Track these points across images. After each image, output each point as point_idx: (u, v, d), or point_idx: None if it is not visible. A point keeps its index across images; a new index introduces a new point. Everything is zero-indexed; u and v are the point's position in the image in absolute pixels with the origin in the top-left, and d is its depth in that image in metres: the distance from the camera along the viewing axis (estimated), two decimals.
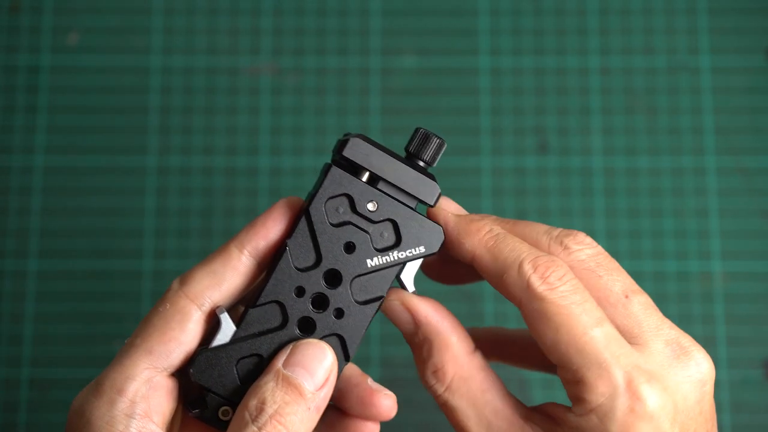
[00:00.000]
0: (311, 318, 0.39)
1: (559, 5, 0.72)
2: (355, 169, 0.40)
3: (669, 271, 0.68)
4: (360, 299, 0.39)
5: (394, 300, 0.39)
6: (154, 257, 0.68)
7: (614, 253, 0.68)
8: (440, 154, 0.41)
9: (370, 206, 0.39)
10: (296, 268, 0.39)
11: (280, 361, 0.37)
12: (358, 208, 0.39)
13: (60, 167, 0.69)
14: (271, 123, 0.70)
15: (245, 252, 0.39)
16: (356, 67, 0.71)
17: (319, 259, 0.39)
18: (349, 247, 0.39)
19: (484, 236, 0.39)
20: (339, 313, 0.39)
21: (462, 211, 0.41)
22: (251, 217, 0.69)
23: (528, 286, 0.37)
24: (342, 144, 0.39)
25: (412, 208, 0.39)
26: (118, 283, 0.68)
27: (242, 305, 0.40)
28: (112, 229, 0.68)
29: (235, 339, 0.38)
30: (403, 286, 0.40)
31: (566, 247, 0.40)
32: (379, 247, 0.39)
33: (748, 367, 0.67)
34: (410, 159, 0.41)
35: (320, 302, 0.39)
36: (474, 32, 0.71)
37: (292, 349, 0.38)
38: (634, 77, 0.71)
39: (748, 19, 0.71)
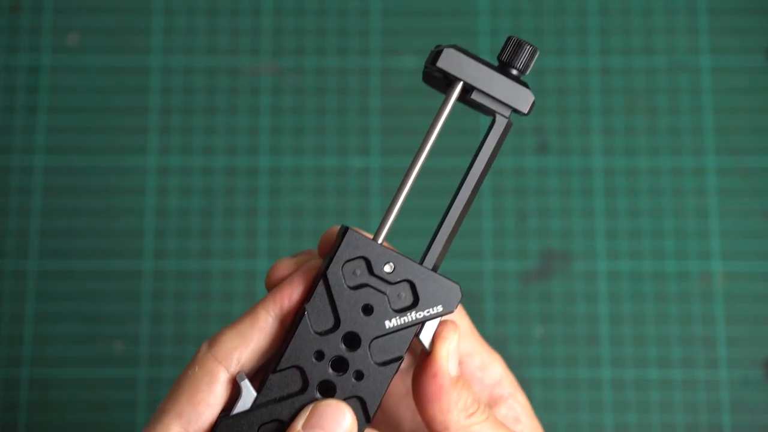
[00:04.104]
0: (331, 381, 0.39)
1: (559, 5, 0.72)
2: (449, 80, 0.39)
3: (669, 271, 0.68)
4: (379, 360, 0.39)
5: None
6: (154, 257, 0.68)
7: (614, 253, 0.68)
8: (533, 62, 0.40)
9: (387, 268, 0.39)
10: (315, 332, 0.38)
11: (299, 423, 0.38)
12: (375, 270, 0.39)
13: (60, 167, 0.69)
14: (271, 123, 0.70)
15: (271, 313, 0.39)
16: (356, 67, 0.71)
17: (337, 322, 0.39)
18: (367, 309, 0.39)
19: (462, 419, 0.40)
20: (359, 375, 0.39)
21: (458, 363, 0.41)
22: (251, 216, 0.69)
23: None
24: (435, 55, 0.39)
25: (428, 268, 0.39)
26: (118, 283, 0.68)
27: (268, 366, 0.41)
28: (112, 229, 0.68)
29: (255, 405, 0.38)
30: (422, 346, 0.40)
31: None
32: (396, 307, 0.39)
33: (748, 367, 0.67)
34: (503, 68, 0.40)
35: (340, 365, 0.39)
36: (474, 32, 0.71)
37: (311, 410, 0.38)
38: (634, 77, 0.71)
39: (748, 19, 0.71)
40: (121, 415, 0.66)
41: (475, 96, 0.40)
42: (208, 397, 0.38)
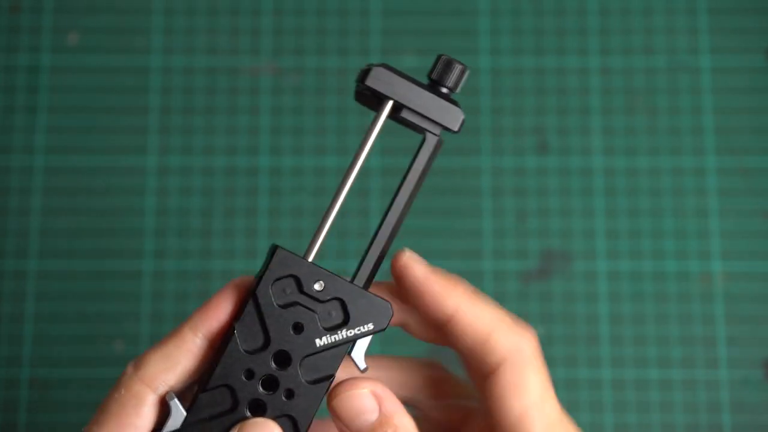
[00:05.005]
0: (261, 400, 0.38)
1: (559, 5, 0.72)
2: (379, 99, 0.40)
3: (669, 271, 0.68)
4: (310, 379, 0.39)
5: (365, 388, 0.39)
6: (154, 257, 0.68)
7: (614, 253, 0.68)
8: (463, 80, 0.40)
9: (317, 286, 0.39)
10: (245, 350, 0.38)
11: None
12: (305, 289, 0.39)
13: (60, 167, 0.69)
14: (271, 123, 0.70)
15: (198, 334, 0.39)
16: (356, 67, 0.71)
17: (267, 340, 0.39)
18: (297, 328, 0.39)
19: (467, 291, 0.39)
20: (289, 394, 0.39)
21: (427, 263, 0.41)
22: (251, 216, 0.69)
23: (520, 348, 0.38)
24: (364, 73, 0.39)
25: (358, 286, 0.39)
26: (118, 283, 0.68)
27: (197, 386, 0.41)
28: (112, 229, 0.68)
29: (185, 424, 0.38)
30: (354, 364, 0.40)
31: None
32: (327, 326, 0.39)
33: (748, 367, 0.67)
34: (433, 86, 0.40)
35: (270, 384, 0.39)
36: (474, 32, 0.71)
37: (239, 428, 0.38)
38: (634, 77, 0.71)
39: (748, 19, 0.71)
40: None
41: (405, 114, 0.40)
42: (136, 421, 0.38)
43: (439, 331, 0.41)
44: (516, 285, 0.68)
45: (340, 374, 0.39)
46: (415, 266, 0.40)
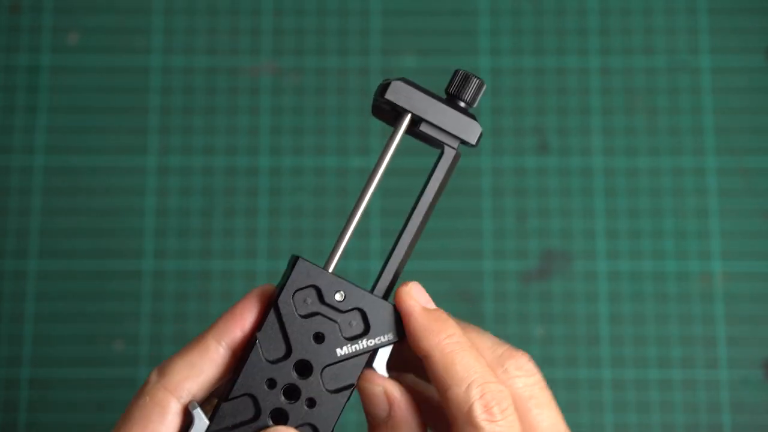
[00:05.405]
0: (284, 409, 0.39)
1: (559, 5, 0.72)
2: (398, 112, 0.40)
3: (669, 271, 0.68)
4: (331, 388, 0.39)
5: (379, 386, 0.40)
6: (154, 257, 0.68)
7: (614, 253, 0.68)
8: (480, 95, 0.41)
9: (338, 296, 0.39)
10: (267, 360, 0.39)
11: None
12: (325, 299, 0.39)
13: (60, 167, 0.69)
14: (271, 123, 0.70)
15: (222, 343, 0.39)
16: (356, 67, 0.71)
17: (289, 350, 0.39)
18: (319, 338, 0.39)
19: (444, 340, 0.39)
20: (311, 403, 0.39)
21: (430, 303, 0.41)
22: (251, 216, 0.69)
23: (469, 411, 0.38)
24: (383, 87, 0.40)
25: (378, 297, 0.40)
26: (118, 283, 0.68)
27: (218, 396, 0.41)
28: (112, 229, 0.68)
29: None
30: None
31: (505, 371, 0.41)
32: (348, 335, 0.39)
33: (748, 367, 0.67)
34: (451, 100, 0.41)
35: (292, 393, 0.39)
36: (474, 32, 0.71)
37: None
38: (634, 77, 0.71)
39: (748, 19, 0.71)
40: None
41: (423, 128, 0.40)
42: (160, 428, 0.38)
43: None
44: (516, 285, 0.68)
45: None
46: (407, 300, 0.40)
